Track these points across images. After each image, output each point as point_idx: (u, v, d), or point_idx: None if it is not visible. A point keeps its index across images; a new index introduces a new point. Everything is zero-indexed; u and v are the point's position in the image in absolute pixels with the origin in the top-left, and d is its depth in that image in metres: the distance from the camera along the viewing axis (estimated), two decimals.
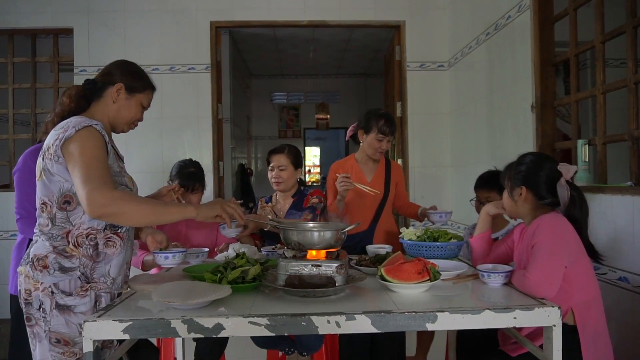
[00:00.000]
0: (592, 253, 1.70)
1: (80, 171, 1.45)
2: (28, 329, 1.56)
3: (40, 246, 1.55)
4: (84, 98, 1.69)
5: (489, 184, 2.36)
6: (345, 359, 2.42)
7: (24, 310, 1.55)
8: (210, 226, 2.57)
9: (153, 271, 2.28)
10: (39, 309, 1.52)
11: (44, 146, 1.55)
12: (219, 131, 4.03)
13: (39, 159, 1.56)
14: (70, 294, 1.52)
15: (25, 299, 1.54)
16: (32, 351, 1.57)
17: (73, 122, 1.53)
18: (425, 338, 2.70)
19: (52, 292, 1.51)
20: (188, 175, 2.52)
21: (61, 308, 1.52)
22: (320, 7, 3.97)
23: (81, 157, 1.47)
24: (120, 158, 1.71)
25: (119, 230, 1.63)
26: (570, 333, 1.57)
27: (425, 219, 2.55)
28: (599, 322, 1.63)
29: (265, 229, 2.50)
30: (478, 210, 2.36)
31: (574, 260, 1.61)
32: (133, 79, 1.72)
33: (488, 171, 2.44)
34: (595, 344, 1.60)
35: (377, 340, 2.36)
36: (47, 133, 1.59)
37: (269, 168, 2.65)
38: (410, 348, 2.61)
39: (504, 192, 1.83)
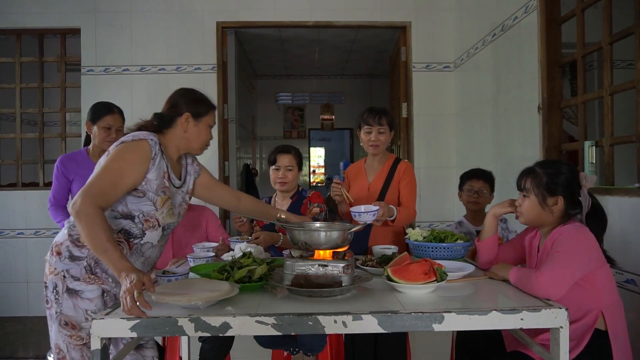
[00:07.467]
0: (607, 259, 1.70)
1: (94, 173, 1.60)
2: (47, 312, 1.67)
3: (61, 234, 1.69)
4: (155, 128, 1.76)
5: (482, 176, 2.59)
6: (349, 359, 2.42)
7: (44, 294, 1.68)
8: (198, 227, 2.68)
9: None
10: (53, 291, 1.64)
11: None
12: (224, 131, 4.04)
13: None
14: (78, 279, 1.63)
15: (45, 282, 1.67)
16: (49, 332, 1.67)
17: (137, 133, 1.68)
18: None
19: (64, 277, 1.63)
20: None
21: (70, 292, 1.63)
22: (326, 8, 3.97)
23: (106, 162, 1.61)
24: (170, 178, 1.72)
25: (130, 239, 1.67)
26: (600, 338, 1.57)
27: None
28: (624, 325, 1.64)
29: (276, 245, 2.42)
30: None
31: (599, 265, 1.61)
32: (197, 105, 1.79)
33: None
34: (624, 348, 1.60)
35: (380, 340, 2.36)
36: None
37: (274, 167, 2.55)
38: (413, 349, 2.60)
39: (525, 196, 1.75)
